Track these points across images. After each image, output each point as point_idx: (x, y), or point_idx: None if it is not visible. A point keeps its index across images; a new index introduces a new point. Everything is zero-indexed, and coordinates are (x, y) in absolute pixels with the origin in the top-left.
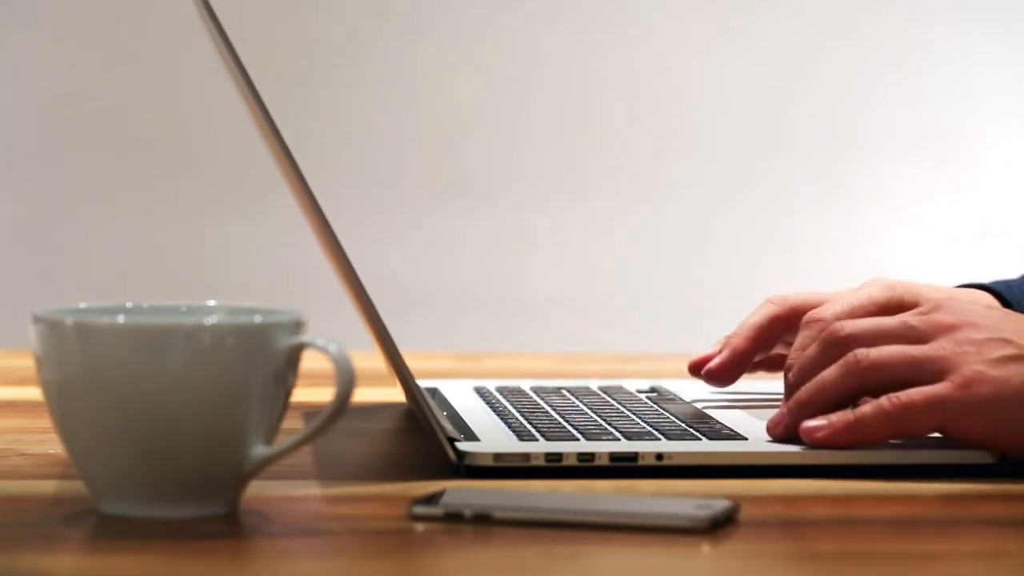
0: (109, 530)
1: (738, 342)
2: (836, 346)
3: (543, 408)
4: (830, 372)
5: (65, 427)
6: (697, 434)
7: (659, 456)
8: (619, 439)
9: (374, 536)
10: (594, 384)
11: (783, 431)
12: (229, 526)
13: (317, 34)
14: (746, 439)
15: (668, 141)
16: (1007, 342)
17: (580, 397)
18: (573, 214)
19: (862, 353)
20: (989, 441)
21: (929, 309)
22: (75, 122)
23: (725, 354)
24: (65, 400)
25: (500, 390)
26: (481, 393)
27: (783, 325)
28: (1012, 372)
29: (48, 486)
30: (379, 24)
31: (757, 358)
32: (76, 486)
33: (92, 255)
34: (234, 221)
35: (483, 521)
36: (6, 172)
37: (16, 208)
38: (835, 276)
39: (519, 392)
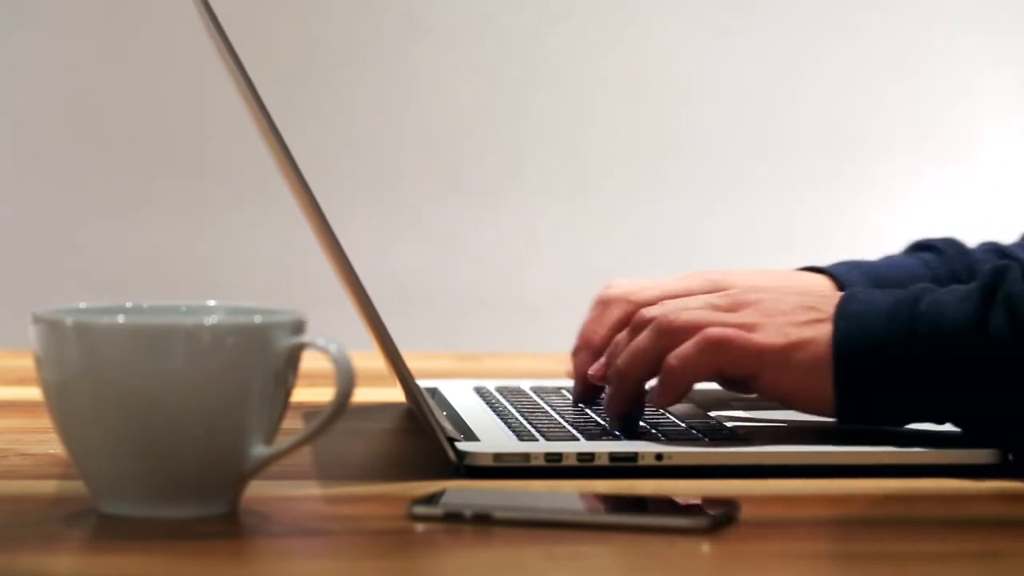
0: (109, 530)
1: (581, 363)
2: (643, 324)
3: (543, 408)
4: (642, 338)
5: (65, 427)
6: (697, 434)
7: (659, 456)
8: (619, 439)
9: (374, 536)
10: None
11: (616, 408)
12: (229, 526)
13: (317, 34)
14: (746, 439)
15: (668, 141)
16: (811, 308)
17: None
18: (573, 214)
19: (672, 314)
20: (798, 400)
21: (734, 292)
22: (75, 122)
23: (578, 386)
24: (65, 400)
25: (500, 390)
26: (481, 393)
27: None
28: (819, 332)
29: (48, 486)
30: (379, 24)
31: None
32: (76, 486)
33: (92, 255)
34: (234, 221)
35: (483, 521)
36: (6, 172)
37: (16, 208)
38: None
39: (519, 392)
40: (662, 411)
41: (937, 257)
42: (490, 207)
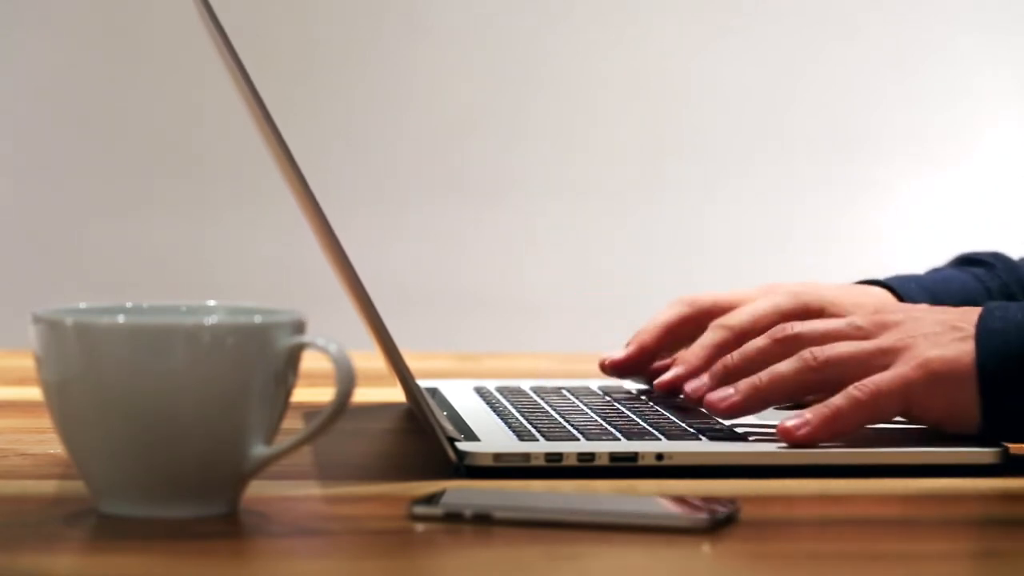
0: (109, 530)
1: (646, 338)
2: (784, 342)
3: (543, 408)
4: (785, 366)
5: (65, 427)
6: (697, 434)
7: (659, 456)
8: (619, 439)
9: (374, 536)
10: (594, 384)
11: (731, 415)
12: (229, 526)
13: (317, 34)
14: (746, 439)
15: (668, 141)
16: (954, 327)
17: (580, 397)
18: (573, 214)
19: (817, 350)
20: (948, 420)
21: (872, 312)
22: (75, 122)
23: (631, 349)
24: (65, 400)
25: (500, 390)
26: (481, 393)
27: (692, 326)
28: (963, 350)
29: (48, 486)
30: (379, 24)
31: (664, 359)
32: (76, 486)
33: (92, 255)
34: (234, 221)
35: (483, 521)
36: (6, 172)
37: (16, 208)
38: (834, 275)
39: (519, 392)
40: (662, 411)
41: (986, 271)
42: (490, 207)
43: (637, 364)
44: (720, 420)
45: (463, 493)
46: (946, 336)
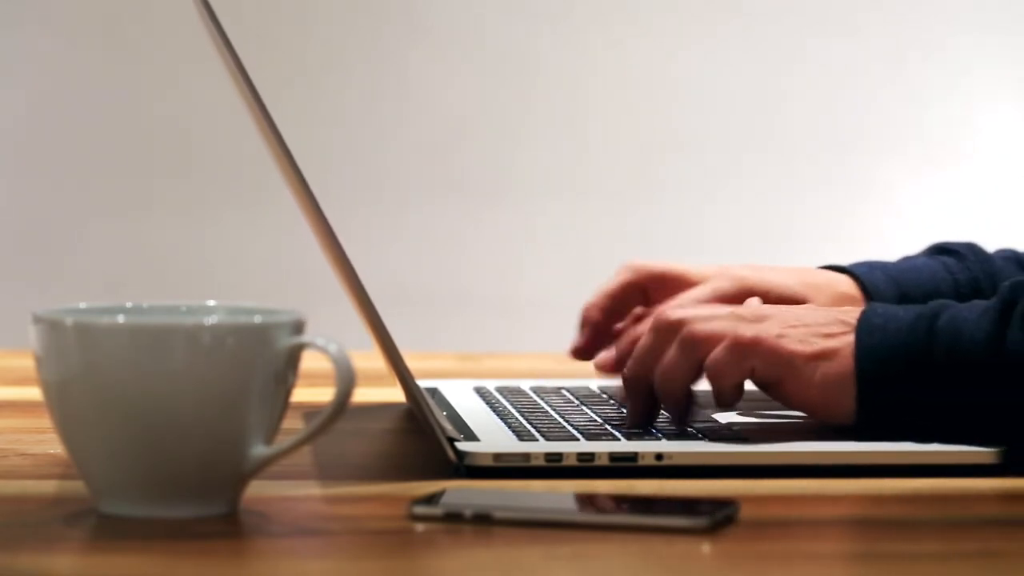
0: (109, 530)
1: (593, 314)
2: (669, 330)
3: (543, 408)
4: (671, 355)
5: (65, 427)
6: (697, 434)
7: (659, 456)
8: (619, 439)
9: (374, 536)
10: (594, 384)
11: (676, 418)
12: (229, 526)
13: (317, 34)
14: (746, 439)
15: (667, 141)
16: (834, 321)
17: (580, 397)
18: (573, 214)
19: (697, 325)
20: (819, 407)
21: (755, 307)
22: (75, 122)
23: (586, 333)
24: (65, 400)
25: (500, 390)
26: (481, 393)
27: (637, 291)
28: (844, 343)
29: (48, 486)
30: (379, 25)
31: (618, 325)
32: (76, 486)
33: (92, 255)
34: (234, 221)
35: (483, 521)
36: (6, 172)
37: (16, 208)
38: None
39: (519, 392)
40: (662, 411)
41: (958, 262)
42: (490, 207)
43: (597, 342)
44: (719, 419)
45: (463, 493)
46: (824, 329)
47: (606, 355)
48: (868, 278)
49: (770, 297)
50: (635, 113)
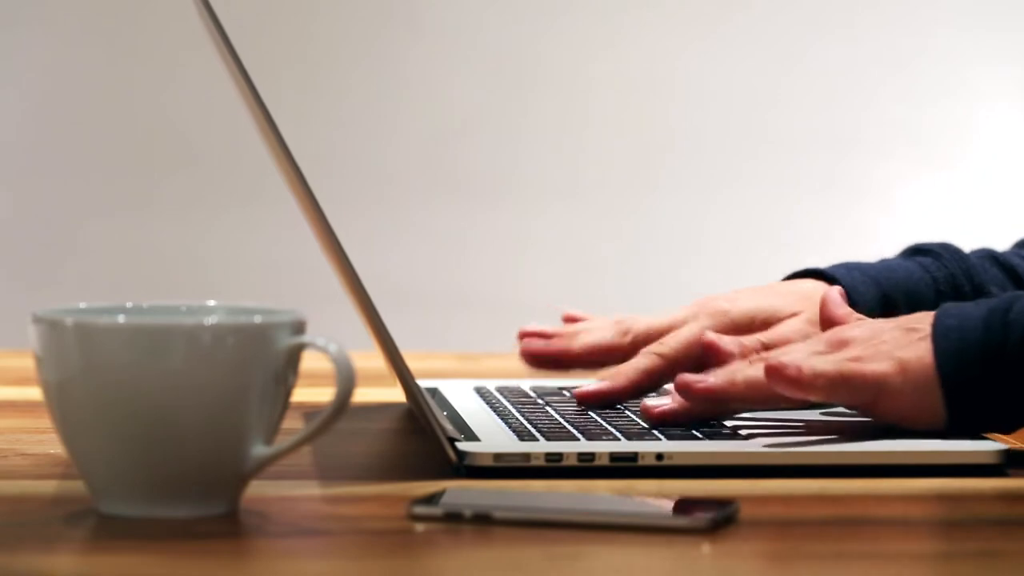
0: (109, 530)
1: (577, 350)
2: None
3: (543, 408)
4: (757, 373)
5: (65, 427)
6: (697, 434)
7: (659, 456)
8: (619, 439)
9: (374, 536)
10: (594, 385)
11: (687, 420)
12: (229, 526)
13: (317, 34)
14: (746, 439)
15: (666, 141)
16: (909, 329)
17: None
18: (572, 214)
19: (781, 357)
20: (913, 419)
21: (829, 335)
22: (75, 121)
23: (603, 387)
24: (65, 400)
25: (500, 390)
26: (481, 393)
27: (621, 353)
28: (923, 350)
29: (48, 486)
30: (378, 24)
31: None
32: (76, 486)
33: (92, 255)
34: (234, 221)
35: (483, 521)
36: (6, 172)
37: (16, 208)
38: None
39: (519, 392)
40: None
41: (935, 262)
42: (490, 207)
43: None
44: (719, 421)
45: (463, 493)
46: (902, 339)
47: (658, 403)
48: (847, 280)
49: (755, 325)
50: (635, 113)
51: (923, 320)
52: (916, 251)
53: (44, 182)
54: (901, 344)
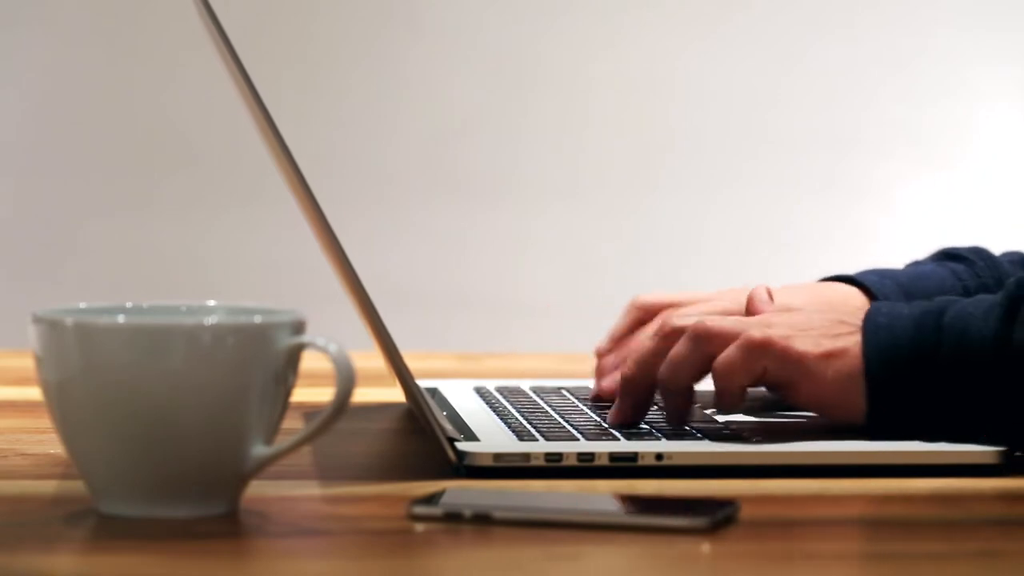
0: (109, 530)
1: (606, 360)
2: (675, 332)
3: (543, 408)
4: (680, 346)
5: (65, 427)
6: (697, 434)
7: (659, 456)
8: (619, 439)
9: (374, 536)
10: (594, 384)
11: (673, 418)
12: (229, 526)
13: (317, 34)
14: (746, 439)
15: (666, 141)
16: (841, 321)
17: (580, 397)
18: (572, 214)
19: (709, 321)
20: (832, 408)
21: (764, 313)
22: (75, 121)
23: (603, 379)
24: (65, 400)
25: (500, 390)
26: (481, 393)
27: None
28: (852, 342)
29: (48, 486)
30: (378, 24)
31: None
32: (76, 486)
33: (92, 255)
34: (234, 221)
35: (483, 521)
36: (6, 172)
37: (16, 208)
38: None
39: (519, 392)
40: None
41: (966, 268)
42: (490, 207)
43: (612, 386)
44: (718, 419)
45: (463, 493)
46: (833, 330)
47: (609, 380)
48: (879, 288)
49: None
50: (635, 113)
51: (855, 316)
52: (948, 255)
53: (44, 182)
54: (829, 334)
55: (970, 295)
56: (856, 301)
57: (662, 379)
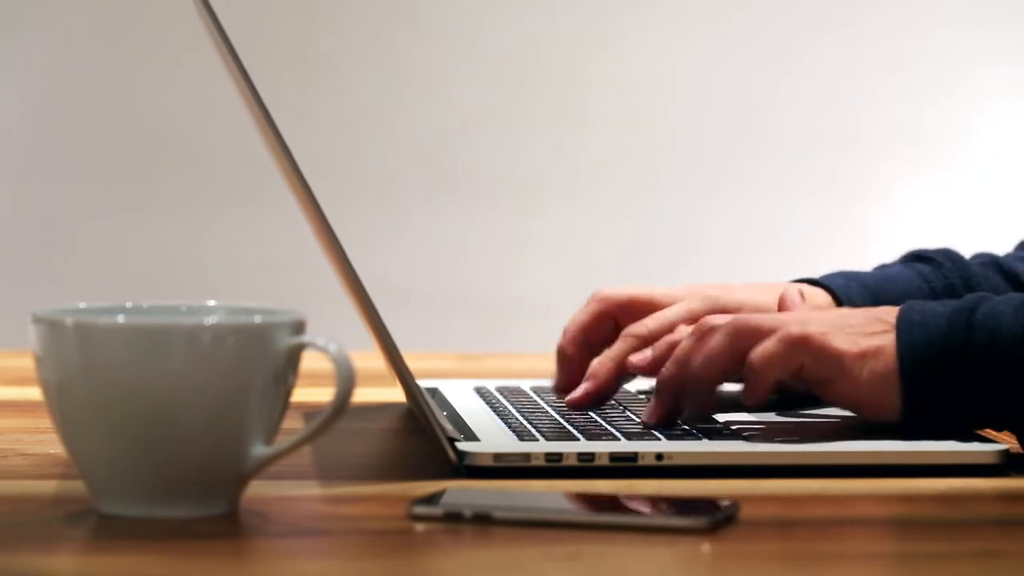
0: (109, 530)
1: (567, 350)
2: (712, 331)
3: (543, 408)
4: (716, 341)
5: (65, 427)
6: (697, 434)
7: (659, 456)
8: (619, 439)
9: (374, 536)
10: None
11: (698, 414)
12: (229, 526)
13: (317, 34)
14: (746, 439)
15: (666, 141)
16: (876, 319)
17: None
18: (572, 214)
19: (744, 318)
20: (867, 406)
21: (799, 311)
22: (75, 121)
23: (563, 370)
24: (65, 400)
25: (500, 390)
26: (481, 393)
27: (608, 320)
28: (887, 341)
29: (48, 486)
30: (379, 24)
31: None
32: (76, 486)
33: (91, 255)
34: (234, 221)
35: (483, 521)
36: (6, 172)
37: (16, 208)
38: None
39: (519, 392)
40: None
41: (934, 270)
42: (490, 207)
43: (576, 377)
44: (718, 420)
45: (463, 493)
46: (868, 328)
47: (640, 356)
48: (844, 291)
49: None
50: (634, 114)
51: (889, 313)
52: (916, 257)
53: (44, 182)
54: (865, 332)
55: (936, 297)
56: (818, 300)
57: (695, 371)
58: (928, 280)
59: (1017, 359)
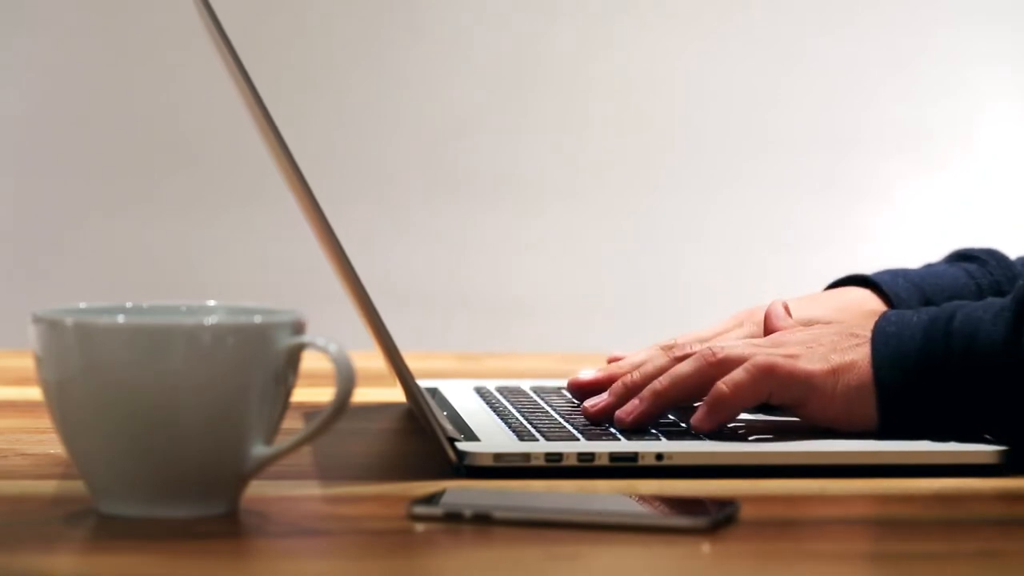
0: (109, 530)
1: (616, 371)
2: (682, 357)
3: (543, 408)
4: (685, 365)
5: (65, 427)
6: (697, 434)
7: (659, 456)
8: (619, 439)
9: (374, 536)
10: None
11: (637, 423)
12: (229, 526)
13: (317, 34)
14: (746, 439)
15: (666, 141)
16: (850, 334)
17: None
18: (573, 214)
19: (716, 347)
20: (843, 421)
21: (774, 335)
22: (74, 121)
23: (601, 374)
24: (65, 400)
25: (500, 390)
26: (481, 393)
27: None
28: (861, 354)
29: (48, 486)
30: (378, 24)
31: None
32: (76, 486)
33: (91, 255)
34: (234, 221)
35: (483, 521)
36: (6, 172)
37: (15, 208)
38: (832, 275)
39: (519, 392)
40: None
41: (980, 268)
42: (490, 207)
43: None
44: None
45: (463, 493)
46: (841, 343)
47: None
48: (891, 287)
49: None
50: (634, 114)
51: (864, 327)
52: (961, 256)
53: (44, 182)
54: (838, 348)
55: (983, 294)
56: (870, 304)
57: (654, 389)
58: (974, 277)
59: (996, 365)
